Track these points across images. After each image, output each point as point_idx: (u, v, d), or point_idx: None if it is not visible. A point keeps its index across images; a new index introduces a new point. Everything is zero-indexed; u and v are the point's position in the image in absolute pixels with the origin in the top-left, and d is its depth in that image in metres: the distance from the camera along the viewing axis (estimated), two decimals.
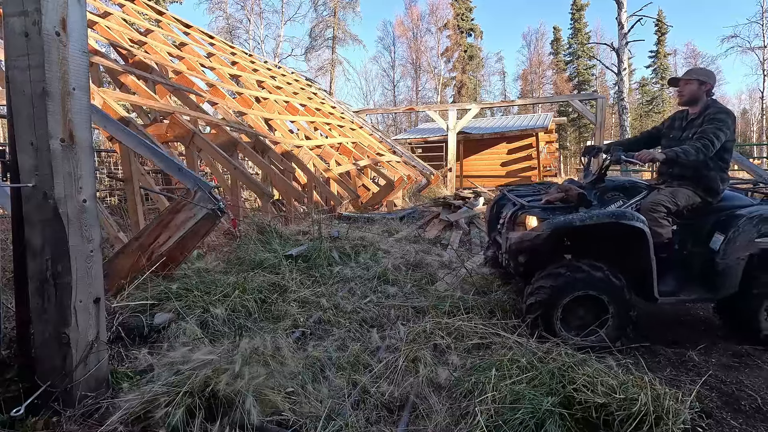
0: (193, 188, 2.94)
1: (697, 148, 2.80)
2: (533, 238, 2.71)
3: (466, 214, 7.22)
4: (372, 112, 21.17)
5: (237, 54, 11.66)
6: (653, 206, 2.82)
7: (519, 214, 2.99)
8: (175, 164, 3.21)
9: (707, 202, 2.99)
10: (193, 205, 2.88)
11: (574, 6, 39.31)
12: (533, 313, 2.68)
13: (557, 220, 2.67)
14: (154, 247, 2.95)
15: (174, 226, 2.94)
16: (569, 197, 2.90)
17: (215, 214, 2.90)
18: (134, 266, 2.93)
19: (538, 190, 3.53)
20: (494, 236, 3.49)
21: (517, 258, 2.85)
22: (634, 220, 2.62)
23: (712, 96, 3.10)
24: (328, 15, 33.79)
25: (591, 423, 1.77)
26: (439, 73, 39.49)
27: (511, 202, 3.25)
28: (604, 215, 2.66)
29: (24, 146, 1.72)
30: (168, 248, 2.95)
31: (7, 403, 1.72)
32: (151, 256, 2.95)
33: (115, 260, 2.97)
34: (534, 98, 32.77)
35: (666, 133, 3.30)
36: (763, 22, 25.61)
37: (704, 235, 2.95)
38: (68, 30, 1.73)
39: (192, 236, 3.01)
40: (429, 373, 2.20)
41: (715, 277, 2.84)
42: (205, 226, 3.01)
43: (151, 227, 2.98)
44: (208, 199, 2.89)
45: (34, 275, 1.77)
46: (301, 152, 7.95)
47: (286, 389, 1.99)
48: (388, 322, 3.02)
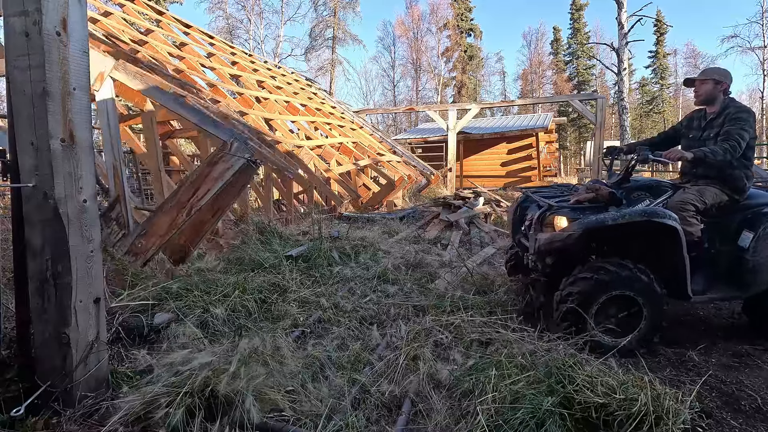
0: (230, 139, 2.93)
1: (725, 149, 2.80)
2: (564, 239, 2.68)
3: (466, 214, 7.22)
4: (372, 112, 21.17)
5: (237, 54, 11.66)
6: (682, 205, 2.81)
7: (547, 215, 2.95)
8: (210, 118, 3.22)
9: (734, 200, 2.98)
10: (230, 155, 2.87)
11: (574, 6, 39.32)
12: (567, 313, 2.63)
13: (589, 220, 2.64)
14: (193, 202, 2.91)
15: (212, 178, 2.91)
16: (599, 196, 2.87)
17: (251, 165, 2.89)
18: (173, 223, 2.89)
19: (561, 192, 3.48)
20: (518, 238, 3.42)
21: (544, 259, 2.84)
22: (667, 218, 2.60)
23: (729, 94, 3.09)
24: (328, 15, 33.80)
25: (591, 423, 1.77)
26: (439, 73, 39.50)
27: (536, 203, 3.21)
28: (637, 213, 2.63)
29: (24, 146, 1.72)
30: (206, 202, 2.91)
31: (7, 403, 1.72)
32: (190, 211, 2.90)
33: (154, 218, 2.94)
34: (534, 98, 32.77)
35: (685, 133, 3.28)
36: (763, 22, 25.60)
37: (732, 233, 2.93)
38: (69, 30, 1.73)
39: (228, 190, 2.96)
40: (429, 369, 2.20)
41: (745, 275, 2.82)
42: (242, 178, 2.98)
43: (189, 182, 2.95)
44: (244, 149, 2.88)
45: (34, 275, 1.77)
46: (301, 152, 7.95)
47: (286, 388, 1.99)
48: (388, 320, 3.02)
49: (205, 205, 2.91)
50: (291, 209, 6.40)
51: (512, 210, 3.60)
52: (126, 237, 3.11)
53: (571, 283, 2.70)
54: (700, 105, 3.19)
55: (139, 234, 2.93)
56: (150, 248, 2.79)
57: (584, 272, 2.68)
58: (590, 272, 2.66)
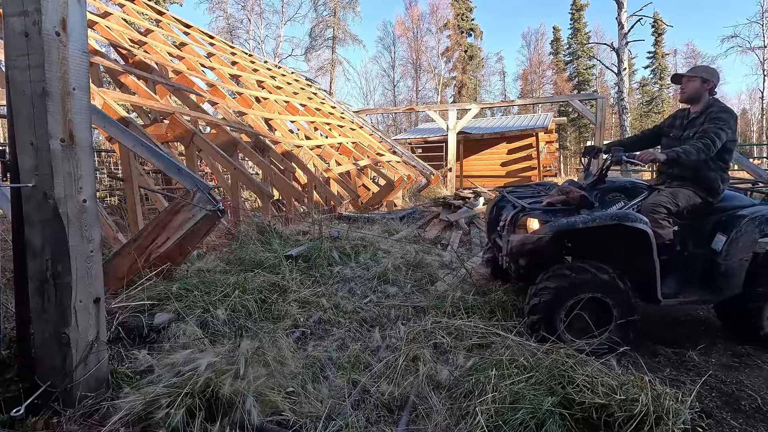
0: (192, 189, 2.93)
1: (698, 148, 2.77)
2: (535, 241, 2.68)
3: (466, 214, 7.22)
4: (372, 112, 21.16)
5: (237, 54, 11.66)
6: (654, 207, 2.80)
7: (520, 216, 2.96)
8: (175, 165, 3.20)
9: (708, 203, 2.96)
10: (192, 206, 2.88)
11: (574, 6, 39.33)
12: (536, 315, 2.64)
13: (559, 223, 2.64)
14: (152, 249, 2.94)
15: (173, 227, 2.93)
16: (570, 199, 2.88)
17: (215, 215, 2.89)
18: (132, 268, 2.92)
19: (537, 191, 3.49)
20: (494, 238, 3.46)
21: (517, 261, 2.83)
22: (637, 222, 2.60)
23: (714, 95, 3.07)
24: (328, 15, 33.82)
25: (591, 423, 1.77)
26: (439, 73, 39.51)
27: (511, 204, 3.22)
28: (607, 217, 2.63)
29: (24, 146, 1.71)
30: (166, 249, 2.94)
31: (7, 403, 1.71)
32: (149, 258, 2.94)
33: (113, 261, 2.96)
34: (534, 98, 32.77)
35: (667, 131, 3.27)
36: (763, 22, 25.61)
37: (705, 236, 2.92)
38: (68, 30, 1.72)
39: (191, 237, 3.00)
40: (429, 371, 2.20)
41: (717, 279, 2.81)
42: (204, 226, 3.00)
43: (150, 228, 2.97)
44: (207, 200, 2.88)
45: (34, 275, 1.77)
46: (301, 152, 7.95)
47: (287, 389, 1.99)
48: (388, 321, 3.02)
49: (166, 251, 2.93)
50: (291, 209, 6.40)
51: (488, 209, 3.61)
52: None
53: (539, 290, 2.68)
54: (684, 102, 3.16)
55: None
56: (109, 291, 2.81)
57: (549, 278, 2.68)
58: (555, 279, 2.65)
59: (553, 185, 3.53)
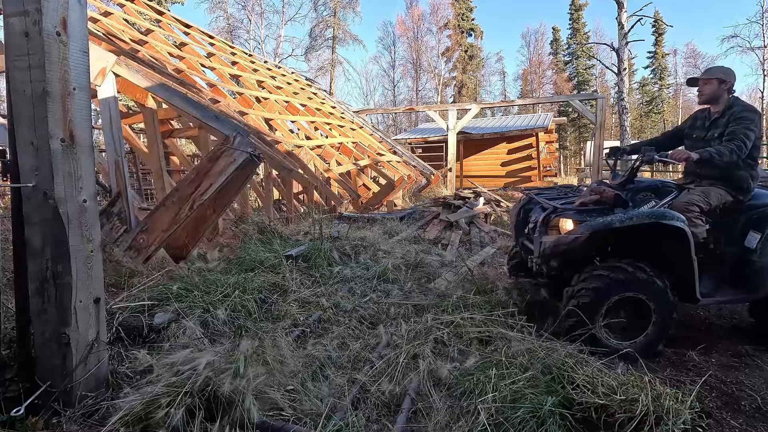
0: (233, 134, 2.91)
1: (731, 149, 2.76)
2: (570, 242, 2.64)
3: (466, 214, 7.22)
4: (372, 112, 21.16)
5: (237, 54, 11.66)
6: (687, 206, 2.76)
7: (552, 217, 2.89)
8: (212, 113, 3.21)
9: (738, 201, 2.94)
10: (233, 150, 2.84)
11: (573, 6, 39.31)
12: (573, 319, 2.56)
13: (596, 222, 2.59)
14: (195, 197, 2.87)
15: (215, 173, 2.88)
16: (604, 198, 2.81)
17: (254, 159, 2.86)
18: (176, 217, 2.86)
19: (564, 193, 3.42)
20: (522, 241, 3.33)
21: (550, 262, 2.79)
22: (675, 220, 2.55)
23: (733, 93, 3.05)
24: (328, 15, 33.81)
25: (592, 423, 1.77)
26: (439, 73, 39.50)
27: (540, 205, 3.13)
28: (644, 215, 2.58)
29: (24, 146, 1.72)
30: (209, 197, 2.87)
31: (7, 403, 1.72)
32: (192, 206, 2.86)
33: (156, 213, 2.92)
34: (534, 98, 32.75)
35: (689, 133, 3.24)
36: (763, 22, 25.60)
37: (737, 234, 2.89)
38: (69, 30, 1.73)
39: (230, 185, 2.93)
40: (429, 366, 2.20)
41: (751, 277, 2.77)
42: (244, 173, 2.95)
43: (192, 176, 2.93)
44: (247, 143, 2.86)
45: (34, 275, 1.77)
46: (301, 152, 7.95)
47: (287, 387, 1.99)
48: (388, 319, 3.02)
49: (208, 200, 2.88)
50: (291, 209, 6.40)
51: (515, 212, 3.52)
52: (128, 233, 3.09)
53: (583, 279, 2.64)
54: (703, 104, 3.16)
55: (142, 229, 2.91)
56: (152, 244, 2.77)
57: (586, 279, 2.62)
58: (606, 270, 2.60)
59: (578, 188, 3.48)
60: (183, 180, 3.00)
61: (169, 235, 2.84)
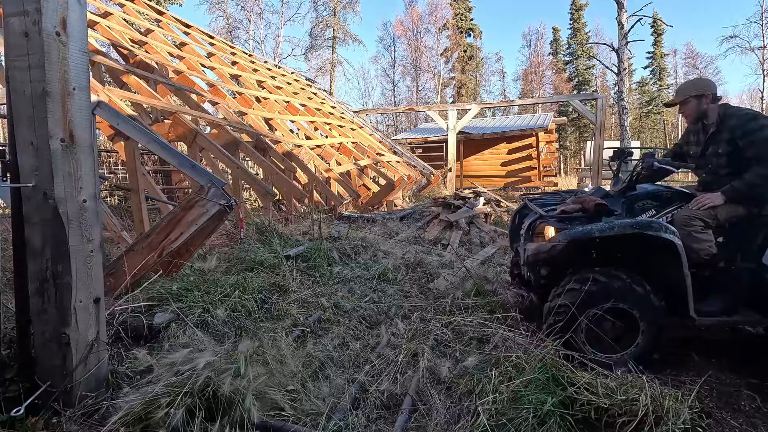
0: (207, 184, 2.95)
1: (763, 176, 2.52)
2: (549, 249, 2.56)
3: (466, 214, 7.21)
4: (372, 112, 21.17)
5: (237, 54, 11.66)
6: (688, 220, 2.57)
7: (537, 224, 2.82)
8: (188, 161, 3.23)
9: (753, 214, 2.66)
10: (207, 201, 2.88)
11: (573, 6, 39.32)
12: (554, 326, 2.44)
13: (574, 231, 2.50)
14: (165, 244, 2.93)
15: (186, 222, 2.92)
16: (586, 209, 2.71)
17: (226, 210, 2.91)
18: (145, 264, 2.92)
19: (564, 199, 3.28)
20: (516, 247, 3.29)
21: (536, 270, 2.72)
22: (662, 231, 2.40)
23: (719, 101, 2.83)
24: (328, 15, 33.84)
25: (592, 423, 1.77)
26: (439, 73, 39.53)
27: (533, 211, 3.09)
28: (627, 225, 2.43)
29: (24, 146, 1.71)
30: (179, 245, 2.93)
31: (7, 403, 1.71)
32: (161, 253, 2.92)
33: (125, 258, 2.96)
34: (534, 98, 32.75)
35: (687, 150, 3.06)
36: (763, 22, 25.60)
37: (755, 250, 2.61)
38: (68, 30, 1.72)
39: (201, 233, 3.00)
40: (428, 363, 2.20)
41: None
42: (215, 222, 3.01)
43: (163, 224, 2.97)
44: (221, 195, 2.90)
45: (34, 275, 1.77)
46: (301, 152, 7.95)
47: (287, 387, 1.99)
48: (388, 319, 3.02)
49: (178, 247, 2.95)
50: (291, 209, 6.40)
51: (512, 218, 3.47)
52: None
53: (558, 294, 2.54)
54: (694, 123, 2.94)
55: (109, 272, 2.95)
56: (118, 287, 2.82)
57: (573, 283, 2.52)
58: (579, 283, 2.48)
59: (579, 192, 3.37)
60: (155, 226, 3.06)
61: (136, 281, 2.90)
